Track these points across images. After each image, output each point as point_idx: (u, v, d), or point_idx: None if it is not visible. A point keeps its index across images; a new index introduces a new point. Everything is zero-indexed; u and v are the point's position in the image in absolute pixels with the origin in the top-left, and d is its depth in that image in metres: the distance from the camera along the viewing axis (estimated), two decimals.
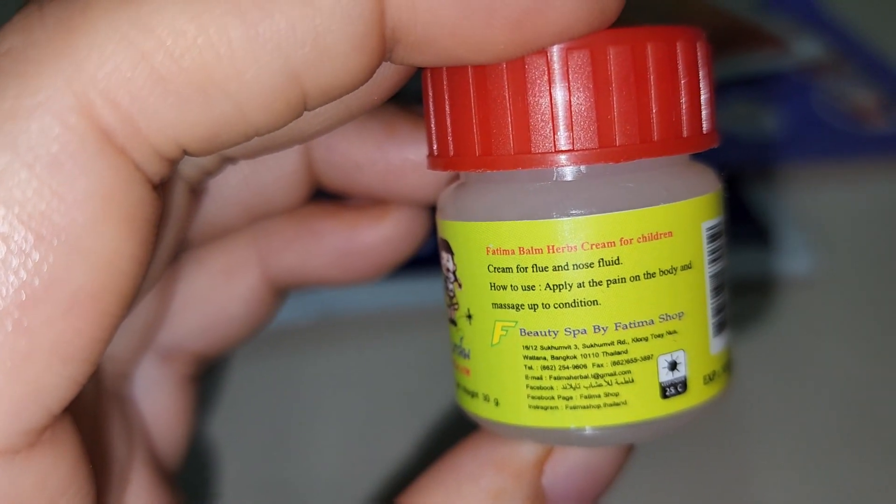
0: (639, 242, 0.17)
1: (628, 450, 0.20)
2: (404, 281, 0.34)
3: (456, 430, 0.22)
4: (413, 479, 0.19)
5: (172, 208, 0.19)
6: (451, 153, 0.18)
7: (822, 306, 0.36)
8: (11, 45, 0.14)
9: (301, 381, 0.33)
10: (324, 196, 0.23)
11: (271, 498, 0.30)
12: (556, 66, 0.17)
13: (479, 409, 0.19)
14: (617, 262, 0.17)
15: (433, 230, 0.23)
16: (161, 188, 0.16)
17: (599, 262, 0.17)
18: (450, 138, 0.18)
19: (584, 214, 0.17)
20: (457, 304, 0.19)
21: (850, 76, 0.46)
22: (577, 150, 0.17)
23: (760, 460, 0.31)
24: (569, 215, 0.17)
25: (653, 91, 0.17)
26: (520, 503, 0.19)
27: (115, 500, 0.21)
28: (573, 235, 0.17)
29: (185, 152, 0.15)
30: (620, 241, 0.17)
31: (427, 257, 0.35)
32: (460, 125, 0.18)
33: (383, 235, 0.23)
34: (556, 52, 0.16)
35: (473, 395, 0.19)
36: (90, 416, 0.20)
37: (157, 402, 0.23)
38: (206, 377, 0.32)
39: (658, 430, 0.18)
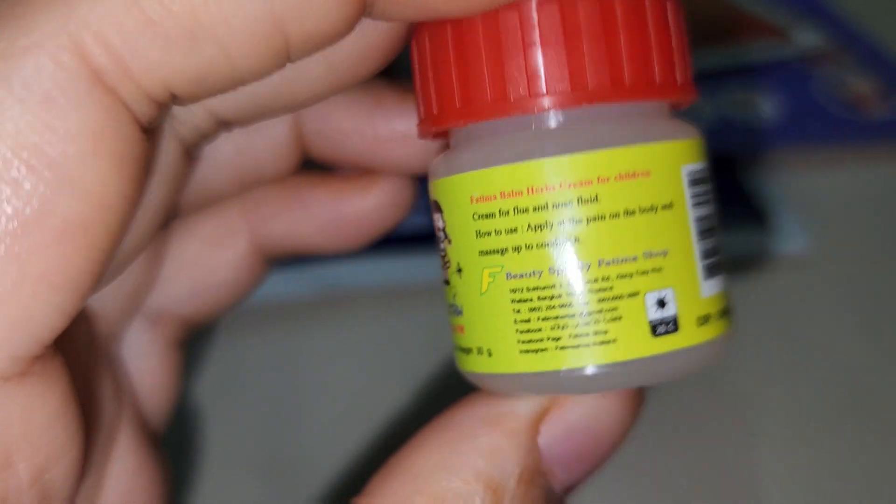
0: (616, 181, 0.17)
1: (632, 409, 0.19)
2: (403, 257, 0.34)
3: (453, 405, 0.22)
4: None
5: (167, 166, 0.20)
6: (435, 112, 0.19)
7: (816, 284, 0.36)
8: None
9: (300, 355, 0.33)
10: (312, 167, 0.24)
11: (270, 470, 0.30)
12: (528, 18, 0.17)
13: (474, 365, 0.19)
14: (595, 199, 0.17)
15: (419, 201, 0.23)
16: (151, 132, 0.17)
17: (578, 200, 0.17)
18: (433, 98, 0.19)
19: (561, 154, 0.17)
20: (448, 261, 0.19)
21: (849, 65, 0.46)
22: (550, 94, 0.17)
23: (757, 436, 0.31)
24: (546, 156, 0.17)
25: (622, 38, 0.18)
26: (515, 463, 0.18)
27: (101, 455, 0.21)
28: (551, 176, 0.17)
29: (174, 96, 0.16)
30: (598, 179, 0.17)
31: (425, 234, 0.36)
32: (442, 83, 0.18)
33: (370, 204, 0.23)
34: (526, 4, 0.17)
35: (468, 351, 0.19)
36: (82, 367, 0.20)
37: (145, 364, 0.23)
38: (203, 351, 0.33)
39: (650, 370, 0.18)
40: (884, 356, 0.34)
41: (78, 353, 0.20)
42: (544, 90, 0.17)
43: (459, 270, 0.19)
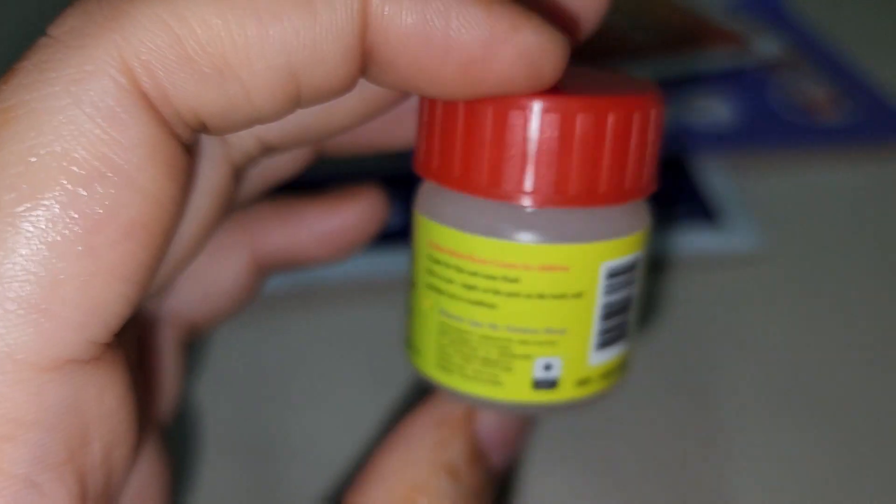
0: (538, 271, 0.21)
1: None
2: (383, 252, 0.37)
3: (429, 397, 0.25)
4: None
5: (218, 186, 0.22)
6: (435, 167, 0.21)
7: (766, 281, 0.38)
8: (73, 24, 0.17)
9: (282, 348, 0.35)
10: (304, 185, 0.27)
11: (253, 461, 0.31)
12: (531, 121, 0.20)
13: (412, 357, 0.24)
14: (516, 281, 0.21)
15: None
16: (189, 150, 0.19)
17: (503, 278, 0.21)
18: (436, 152, 0.21)
19: (497, 239, 0.21)
20: (411, 268, 0.23)
21: (806, 72, 0.48)
22: (534, 194, 0.20)
23: (715, 435, 0.32)
24: (487, 236, 0.21)
25: (607, 151, 0.20)
26: (460, 448, 0.23)
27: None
28: (487, 253, 0.21)
29: (203, 125, 0.19)
30: (523, 265, 0.21)
31: (403, 229, 0.37)
32: (446, 146, 0.21)
33: (354, 217, 0.27)
34: (534, 108, 0.19)
35: (409, 345, 0.24)
36: (132, 361, 0.22)
37: (160, 362, 0.25)
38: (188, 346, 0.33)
39: (528, 411, 0.23)
40: (832, 351, 0.35)
41: (129, 347, 0.22)
42: (531, 189, 0.20)
43: (415, 284, 0.23)
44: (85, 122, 0.17)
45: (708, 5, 0.52)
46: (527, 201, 0.20)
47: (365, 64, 0.19)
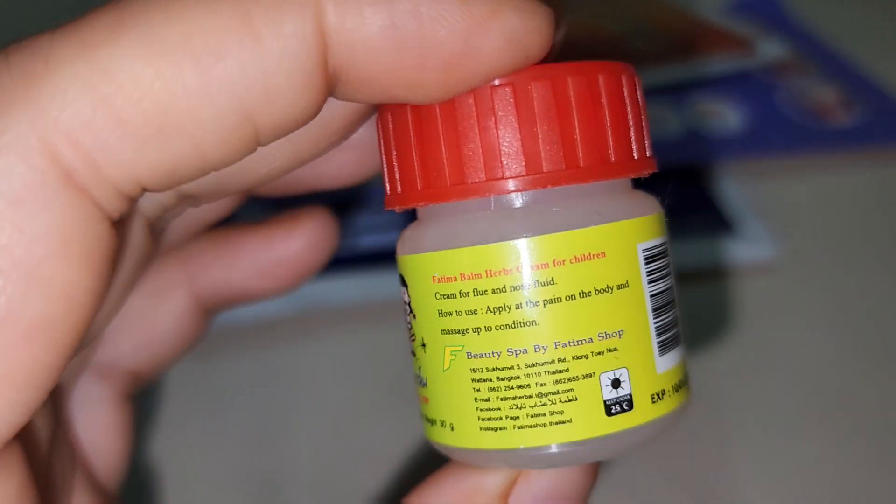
0: (571, 263, 0.17)
1: (593, 475, 0.20)
2: (383, 272, 0.35)
3: None
4: (399, 486, 0.20)
5: (132, 244, 0.20)
6: (399, 191, 0.19)
7: (782, 288, 0.37)
8: None
9: (282, 373, 0.34)
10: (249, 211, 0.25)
11: (253, 489, 0.30)
12: (483, 103, 0.17)
13: (438, 437, 0.19)
14: (552, 282, 0.17)
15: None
16: (120, 224, 0.17)
17: (535, 283, 0.17)
18: (396, 177, 0.19)
19: (517, 238, 0.17)
20: (413, 334, 0.19)
21: (812, 75, 0.47)
22: (506, 178, 0.17)
23: (733, 444, 0.31)
24: (504, 239, 0.18)
25: (576, 120, 0.18)
26: None
27: None
28: (508, 259, 0.17)
29: (144, 189, 0.16)
30: (553, 262, 0.17)
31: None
32: (403, 164, 0.19)
33: (297, 244, 0.24)
34: (482, 89, 0.17)
35: (433, 422, 0.19)
36: (41, 440, 0.20)
37: (96, 419, 0.23)
38: (185, 371, 0.33)
39: (606, 448, 0.18)
40: (850, 357, 0.34)
41: (36, 427, 0.20)
42: (501, 174, 0.17)
43: (424, 345, 0.19)
44: None
45: (709, 9, 0.51)
46: (538, 185, 0.17)
47: (331, 85, 0.16)
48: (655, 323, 0.19)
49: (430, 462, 0.21)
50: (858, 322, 0.36)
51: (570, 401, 0.18)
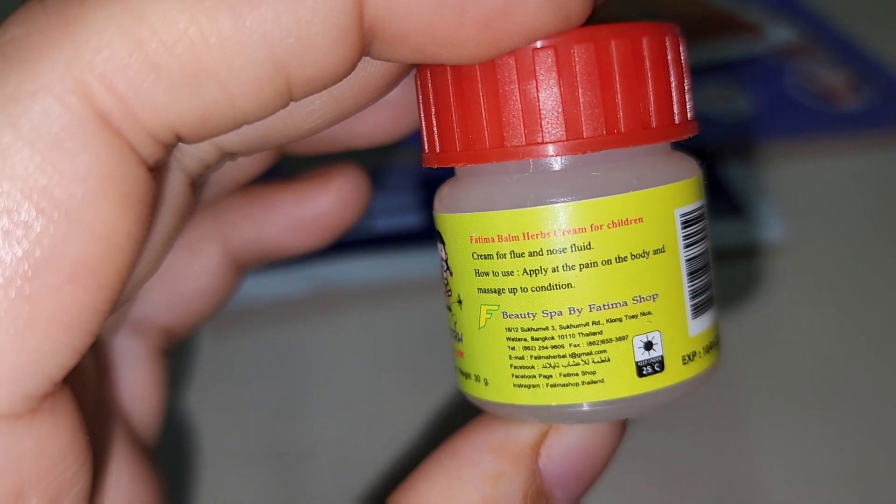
0: (609, 228, 0.18)
1: (621, 432, 0.20)
2: (394, 255, 0.36)
3: (453, 402, 0.23)
4: (415, 461, 0.20)
5: (174, 199, 0.20)
6: (438, 150, 0.19)
7: (794, 270, 0.38)
8: (14, 34, 0.15)
9: (299, 353, 0.34)
10: (276, 175, 0.25)
11: (274, 464, 0.30)
12: (524, 65, 0.17)
13: (473, 390, 0.20)
14: (588, 246, 0.18)
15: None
16: (157, 172, 0.17)
17: (571, 247, 0.18)
18: (435, 136, 0.19)
19: (556, 202, 0.18)
20: (450, 290, 0.20)
21: (821, 58, 0.47)
22: (546, 143, 0.18)
23: (746, 423, 0.32)
24: (542, 203, 0.18)
25: (618, 85, 0.18)
26: (518, 485, 0.19)
27: (102, 472, 0.21)
28: (546, 222, 0.18)
29: (178, 137, 0.16)
30: (591, 227, 0.18)
31: (419, 231, 0.36)
32: (443, 123, 0.19)
33: (329, 201, 0.24)
34: (523, 51, 0.17)
35: (467, 376, 0.20)
36: (89, 391, 0.20)
37: (133, 373, 0.23)
38: (201, 352, 0.33)
39: (636, 407, 0.19)
40: (858, 338, 0.35)
41: (85, 377, 0.20)
42: (541, 138, 0.18)
43: (460, 302, 0.19)
44: (22, 150, 0.15)
45: None
46: (578, 150, 0.18)
47: (366, 41, 0.16)
48: (690, 287, 0.19)
49: (446, 438, 0.21)
50: (867, 304, 0.36)
51: (602, 361, 0.18)
